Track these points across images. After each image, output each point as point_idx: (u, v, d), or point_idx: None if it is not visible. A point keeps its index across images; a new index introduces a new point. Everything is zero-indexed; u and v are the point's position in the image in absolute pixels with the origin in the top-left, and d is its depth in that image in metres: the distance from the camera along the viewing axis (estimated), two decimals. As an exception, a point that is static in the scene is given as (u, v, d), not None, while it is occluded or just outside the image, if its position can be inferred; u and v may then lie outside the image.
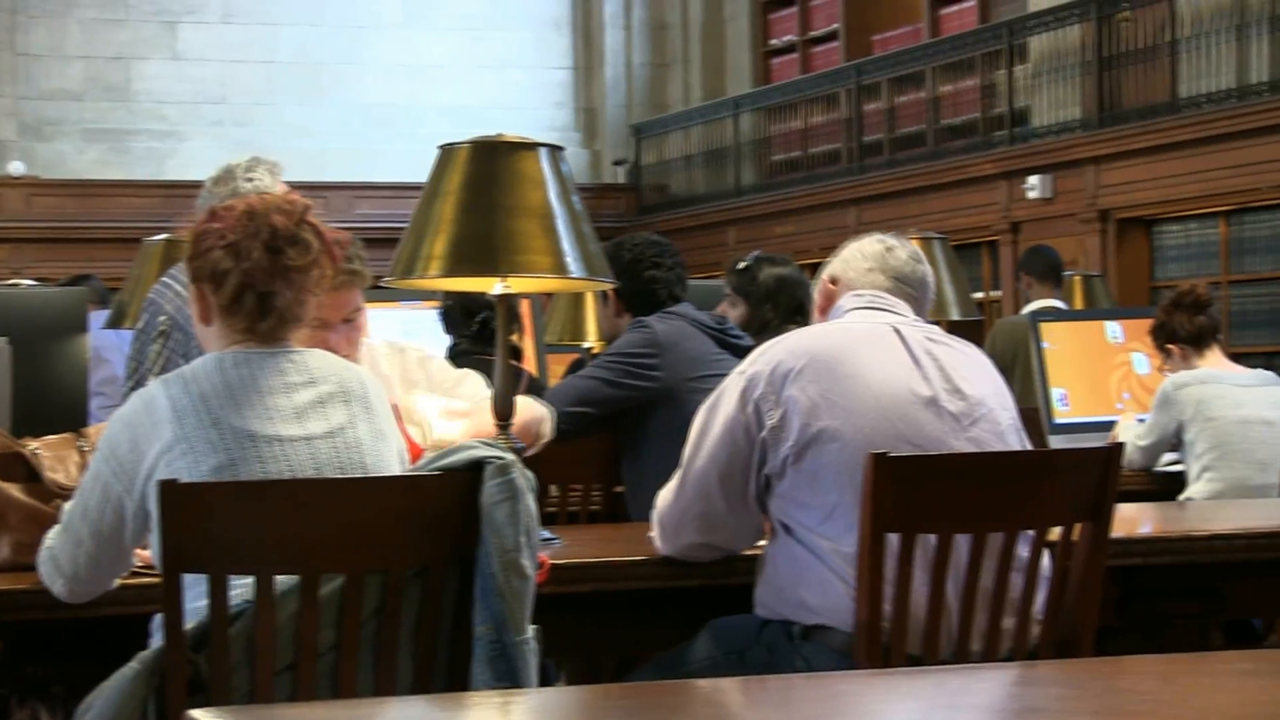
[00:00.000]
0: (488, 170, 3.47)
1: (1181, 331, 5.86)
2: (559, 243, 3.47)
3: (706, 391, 3.56)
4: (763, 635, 3.33)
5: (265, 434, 2.89)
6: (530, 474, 2.90)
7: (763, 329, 5.30)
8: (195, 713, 1.82)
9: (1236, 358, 7.48)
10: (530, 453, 3.77)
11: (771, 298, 5.46)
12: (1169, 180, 11.84)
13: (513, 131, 3.67)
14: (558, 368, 6.45)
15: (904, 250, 3.62)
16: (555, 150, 3.56)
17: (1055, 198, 12.83)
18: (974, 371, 3.48)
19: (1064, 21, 12.79)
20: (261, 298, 2.96)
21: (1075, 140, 12.60)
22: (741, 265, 5.55)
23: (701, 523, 3.39)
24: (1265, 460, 5.63)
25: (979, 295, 13.57)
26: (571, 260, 3.48)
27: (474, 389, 4.01)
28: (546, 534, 3.62)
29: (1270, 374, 6.00)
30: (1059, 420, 6.22)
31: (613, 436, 4.97)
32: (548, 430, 3.87)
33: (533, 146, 3.52)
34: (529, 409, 3.81)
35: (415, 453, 3.39)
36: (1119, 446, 3.31)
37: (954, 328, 9.22)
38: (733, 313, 5.45)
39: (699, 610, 3.49)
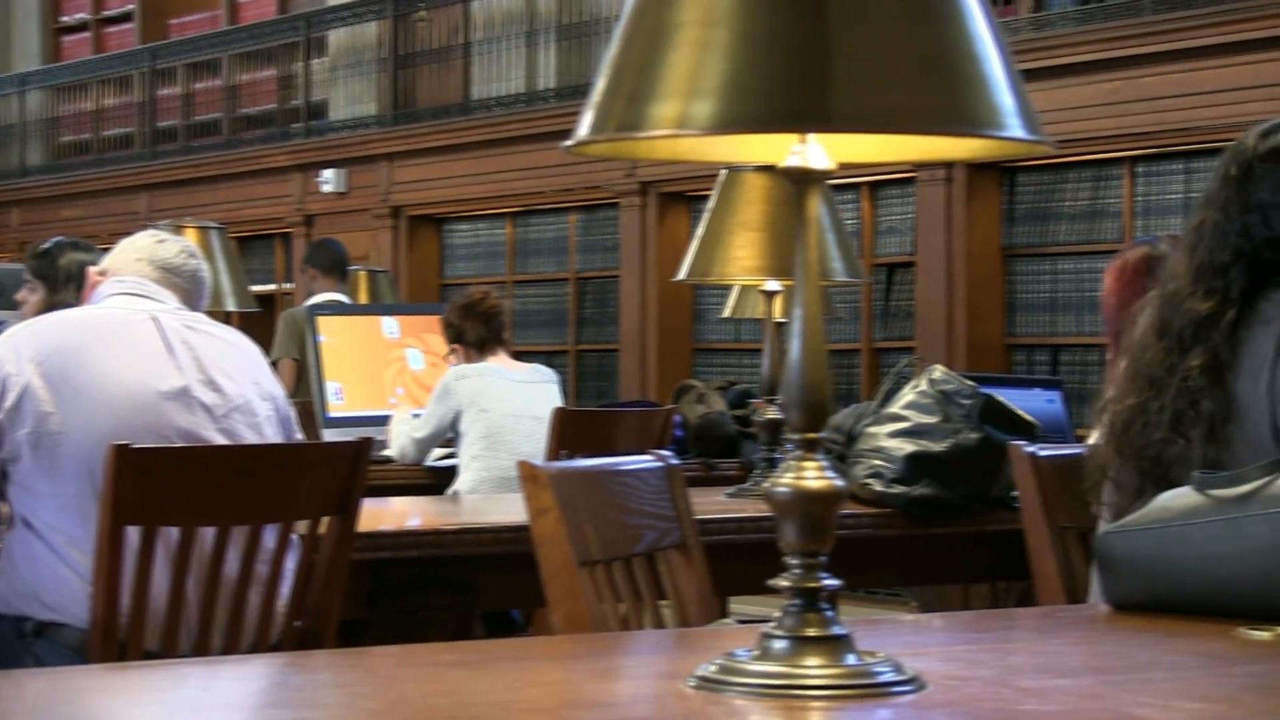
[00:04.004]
0: None
1: (469, 337, 6.01)
2: None
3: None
4: (-7, 633, 3.20)
5: None
6: None
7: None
8: None
9: (520, 356, 7.70)
10: None
11: (72, 282, 5.29)
12: (459, 180, 12.10)
13: None
14: None
15: (176, 244, 3.60)
16: None
17: (349, 192, 12.91)
18: (235, 362, 3.44)
19: (361, 17, 12.89)
20: None
21: (370, 136, 12.72)
22: (42, 249, 5.38)
23: None
24: (531, 454, 5.81)
25: (271, 287, 13.53)
26: None
27: None
28: None
29: (548, 371, 6.20)
30: (333, 414, 6.25)
31: None
32: None
33: None
34: None
35: None
36: (368, 441, 3.33)
37: (243, 320, 9.13)
38: (32, 298, 5.26)
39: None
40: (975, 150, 1.81)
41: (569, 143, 1.74)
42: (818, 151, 1.73)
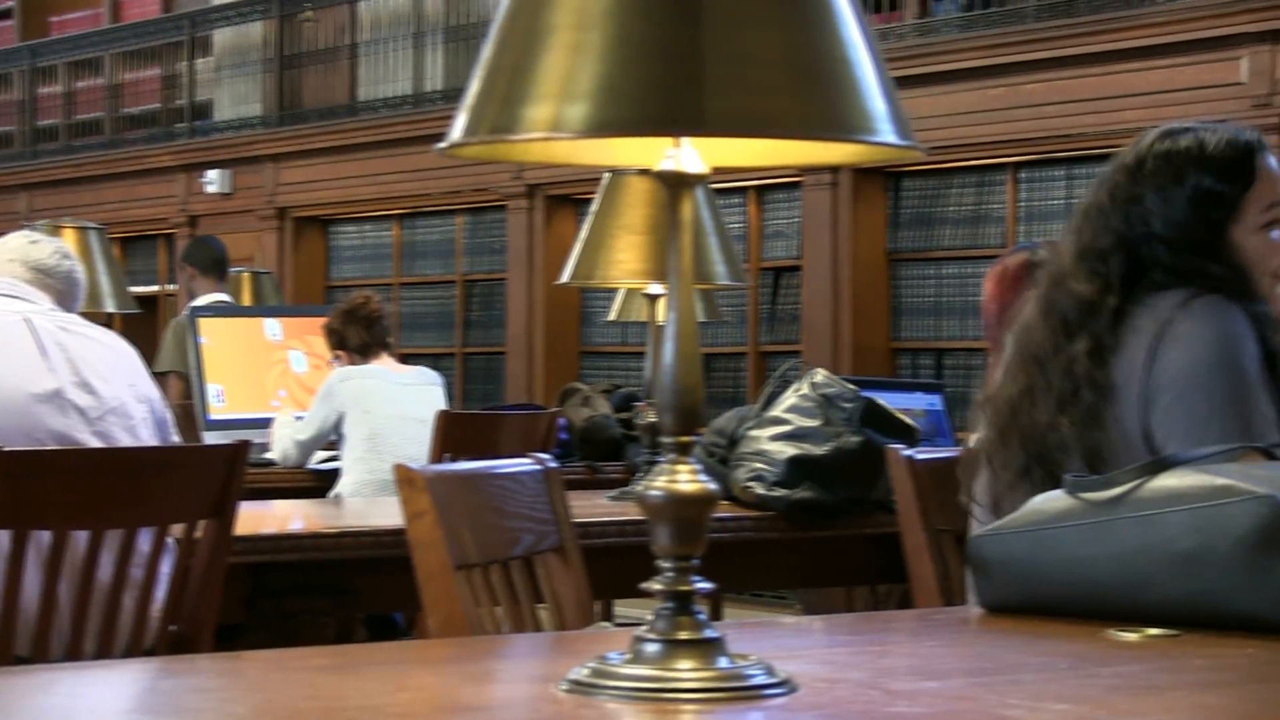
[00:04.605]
0: None
1: (352, 342, 5.98)
2: None
3: None
4: None
5: None
6: None
7: None
8: None
9: (408, 358, 7.66)
10: None
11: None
12: (346, 181, 12.04)
13: None
14: None
15: (50, 245, 3.60)
16: None
17: (234, 193, 12.82)
18: (110, 364, 3.42)
19: (247, 17, 12.80)
20: None
21: (255, 137, 12.64)
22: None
23: None
24: (414, 456, 5.78)
25: (154, 289, 13.41)
26: None
27: None
28: None
29: (431, 373, 6.18)
30: (214, 416, 6.19)
31: None
32: None
33: None
34: None
35: None
36: (245, 444, 3.30)
37: (125, 322, 9.00)
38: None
39: None
40: (848, 155, 1.82)
41: (442, 145, 1.73)
42: (692, 155, 1.73)
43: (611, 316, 7.07)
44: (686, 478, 1.73)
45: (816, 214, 9.51)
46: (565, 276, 4.60)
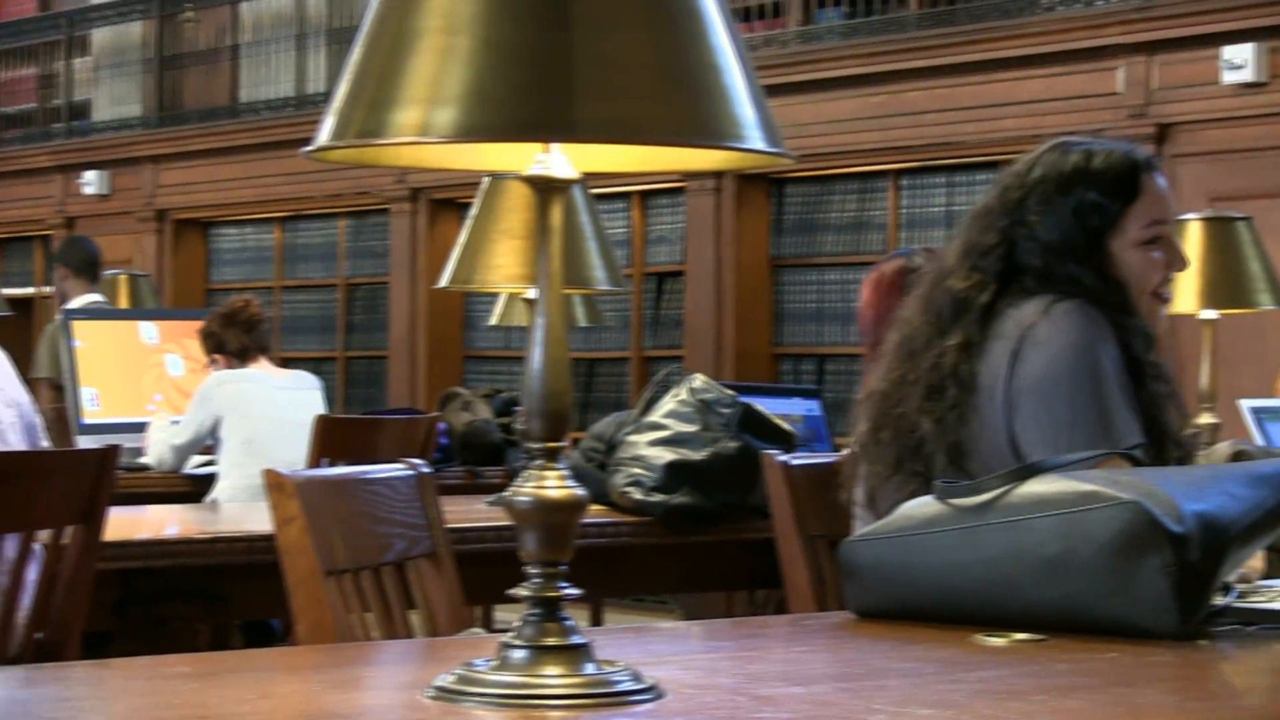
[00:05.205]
0: None
1: (231, 346, 5.92)
2: None
3: None
4: None
5: None
6: None
7: None
8: None
9: (289, 362, 7.60)
10: None
11: None
12: (227, 184, 11.94)
13: None
14: None
15: None
16: None
17: (113, 195, 12.68)
18: (-21, 368, 3.36)
19: (126, 17, 12.67)
20: None
21: (134, 138, 12.51)
22: None
23: None
24: (291, 460, 5.73)
25: (30, 290, 13.24)
26: None
27: None
28: None
29: (309, 377, 6.13)
30: (88, 420, 6.11)
31: None
32: None
33: None
34: None
35: None
36: (114, 448, 3.26)
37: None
38: None
39: None
40: (719, 161, 1.81)
41: (309, 148, 1.71)
42: (561, 161, 1.73)
43: (493, 321, 7.04)
44: (554, 483, 1.72)
45: (700, 219, 9.54)
46: (444, 280, 4.58)
